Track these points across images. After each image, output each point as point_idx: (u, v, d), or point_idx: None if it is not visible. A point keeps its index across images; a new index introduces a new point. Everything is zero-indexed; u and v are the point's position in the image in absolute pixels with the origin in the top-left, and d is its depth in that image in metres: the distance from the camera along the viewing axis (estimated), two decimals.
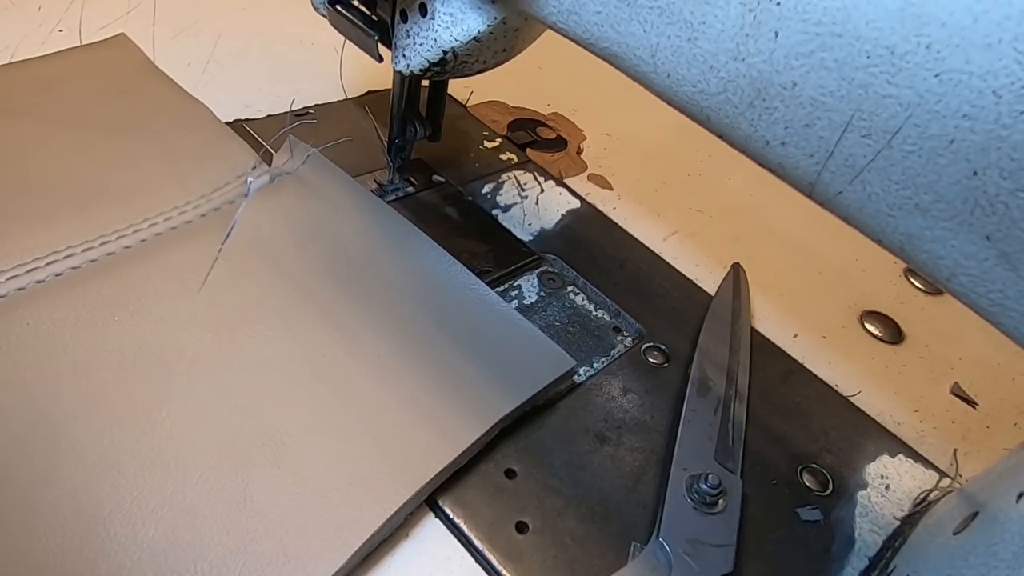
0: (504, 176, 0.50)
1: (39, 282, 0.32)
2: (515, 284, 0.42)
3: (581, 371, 0.38)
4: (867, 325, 0.47)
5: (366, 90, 0.54)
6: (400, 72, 0.37)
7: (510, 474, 0.33)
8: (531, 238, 0.46)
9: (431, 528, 0.30)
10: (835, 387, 0.42)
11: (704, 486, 0.32)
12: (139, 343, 0.31)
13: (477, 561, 0.30)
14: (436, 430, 0.31)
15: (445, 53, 0.35)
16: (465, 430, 0.31)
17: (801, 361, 0.42)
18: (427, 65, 0.35)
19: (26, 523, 0.25)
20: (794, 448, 0.37)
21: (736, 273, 0.47)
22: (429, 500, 0.31)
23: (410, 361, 0.34)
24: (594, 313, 0.42)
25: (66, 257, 0.34)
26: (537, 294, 0.42)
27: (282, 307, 0.35)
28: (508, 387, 0.34)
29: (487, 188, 0.49)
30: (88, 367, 0.30)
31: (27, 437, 0.27)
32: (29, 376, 0.29)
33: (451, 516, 0.31)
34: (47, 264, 0.33)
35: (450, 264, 0.39)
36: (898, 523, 0.35)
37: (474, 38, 0.34)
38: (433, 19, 0.34)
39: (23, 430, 0.27)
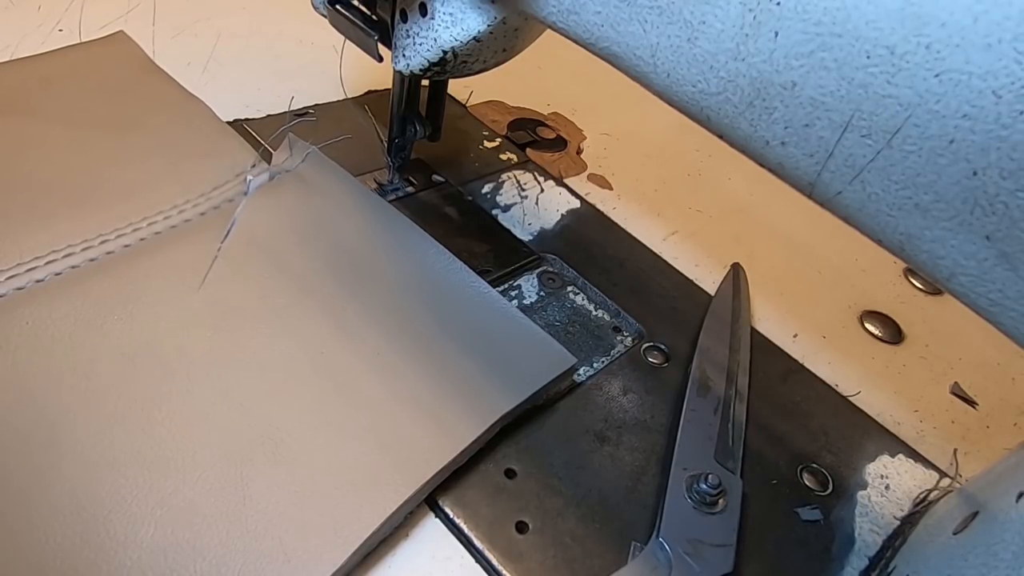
0: (504, 176, 0.50)
1: (39, 281, 0.32)
2: (515, 284, 0.42)
3: (581, 371, 0.38)
4: (867, 325, 0.47)
5: (366, 90, 0.54)
6: (400, 72, 0.37)
7: (510, 474, 0.33)
8: (531, 238, 0.46)
9: (431, 528, 0.30)
10: (835, 387, 0.42)
11: (704, 486, 0.32)
12: (139, 342, 0.31)
13: (477, 561, 0.30)
14: (436, 428, 0.31)
15: (445, 53, 0.35)
16: (465, 428, 0.31)
17: (801, 361, 0.42)
18: (427, 65, 0.35)
19: (26, 523, 0.25)
20: (794, 448, 0.37)
21: (736, 273, 0.47)
22: (429, 500, 0.31)
23: (410, 359, 0.34)
24: (594, 313, 0.42)
25: (65, 256, 0.34)
26: (537, 294, 0.42)
27: (282, 305, 0.35)
28: (509, 385, 0.34)
29: (487, 188, 0.49)
30: (88, 366, 0.30)
31: (27, 437, 0.27)
32: (29, 376, 0.29)
33: (451, 516, 0.31)
34: (47, 263, 0.33)
35: (450, 261, 0.39)
36: (898, 523, 0.35)
37: (474, 38, 0.34)
38: (433, 19, 0.34)
39: (23, 430, 0.27)
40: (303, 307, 0.35)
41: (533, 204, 0.48)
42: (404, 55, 0.36)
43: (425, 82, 0.42)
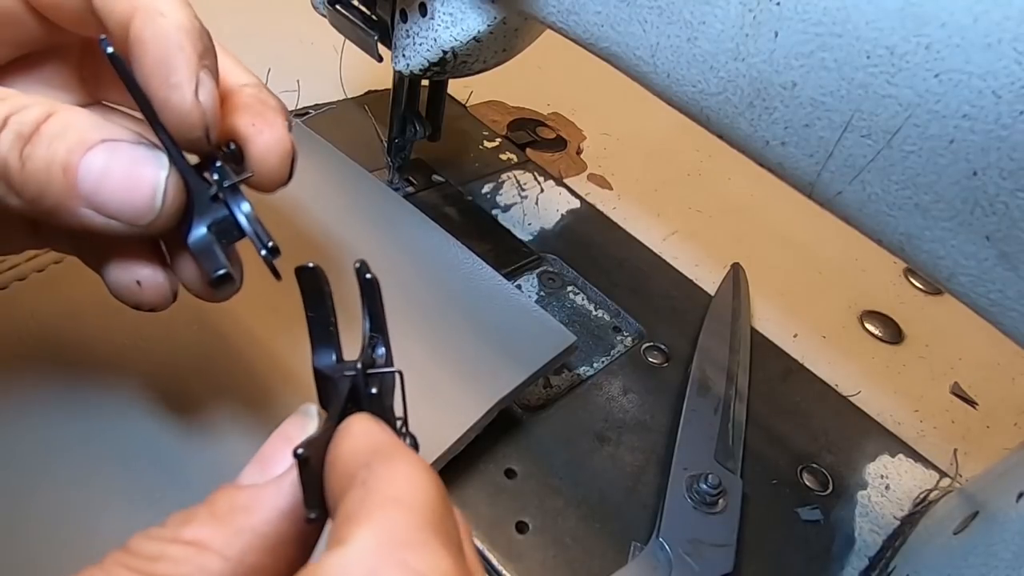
0: (504, 176, 0.50)
1: (39, 272, 0.31)
2: (515, 284, 0.42)
3: (581, 370, 0.38)
4: (867, 325, 0.47)
5: (366, 90, 0.54)
6: (400, 72, 0.37)
7: (510, 474, 0.33)
8: (531, 238, 0.46)
9: None
10: (835, 387, 0.42)
11: (704, 486, 0.32)
12: (124, 340, 0.31)
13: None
14: (432, 413, 0.30)
15: (445, 53, 0.35)
16: (464, 412, 0.30)
17: (801, 361, 0.42)
18: (427, 65, 0.35)
19: (9, 529, 0.25)
20: (794, 448, 0.37)
21: (736, 273, 0.47)
22: None
23: (406, 341, 0.32)
24: (594, 313, 0.42)
25: (29, 260, 0.32)
26: (537, 294, 0.42)
27: (268, 291, 0.33)
28: (508, 365, 0.32)
29: (487, 188, 0.49)
30: (74, 362, 0.29)
31: (12, 444, 0.27)
32: (14, 367, 0.28)
33: None
34: (30, 258, 0.32)
35: (443, 238, 0.37)
36: (898, 523, 0.35)
37: (474, 38, 0.34)
38: (433, 19, 0.34)
39: (6, 435, 0.27)
40: (291, 290, 0.33)
41: (533, 204, 0.48)
42: (404, 55, 0.36)
43: (425, 82, 0.42)
